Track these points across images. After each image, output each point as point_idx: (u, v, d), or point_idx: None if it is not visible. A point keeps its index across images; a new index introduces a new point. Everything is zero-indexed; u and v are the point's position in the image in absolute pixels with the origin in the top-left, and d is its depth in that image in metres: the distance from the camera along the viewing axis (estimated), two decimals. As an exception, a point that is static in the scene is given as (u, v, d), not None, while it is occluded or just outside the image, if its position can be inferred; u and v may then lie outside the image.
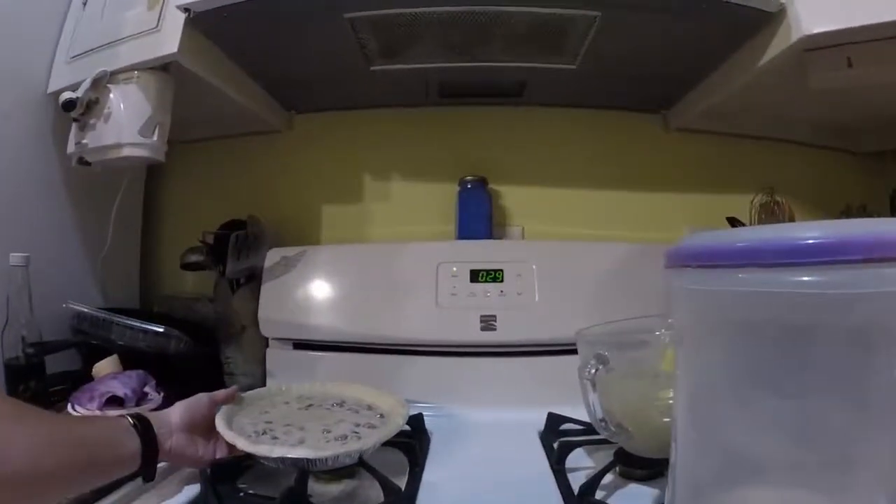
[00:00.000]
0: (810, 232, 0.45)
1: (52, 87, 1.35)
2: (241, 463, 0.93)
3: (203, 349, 1.41)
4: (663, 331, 0.88)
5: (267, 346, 1.44)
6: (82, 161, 1.26)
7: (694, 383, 0.60)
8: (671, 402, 0.66)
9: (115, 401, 1.07)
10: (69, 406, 1.07)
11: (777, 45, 1.15)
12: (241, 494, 0.86)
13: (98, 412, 1.04)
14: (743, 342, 0.55)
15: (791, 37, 1.08)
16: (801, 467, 0.54)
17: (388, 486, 0.83)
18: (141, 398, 1.11)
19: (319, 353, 1.40)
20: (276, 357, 1.43)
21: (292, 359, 1.42)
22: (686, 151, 1.75)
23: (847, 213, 1.67)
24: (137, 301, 1.68)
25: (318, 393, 1.08)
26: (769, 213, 1.59)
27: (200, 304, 1.57)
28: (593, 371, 0.86)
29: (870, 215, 1.63)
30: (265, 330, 1.42)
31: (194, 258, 1.52)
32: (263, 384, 1.41)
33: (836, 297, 0.44)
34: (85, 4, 1.36)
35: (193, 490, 0.88)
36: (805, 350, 0.49)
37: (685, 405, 0.61)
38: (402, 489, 0.86)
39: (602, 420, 0.88)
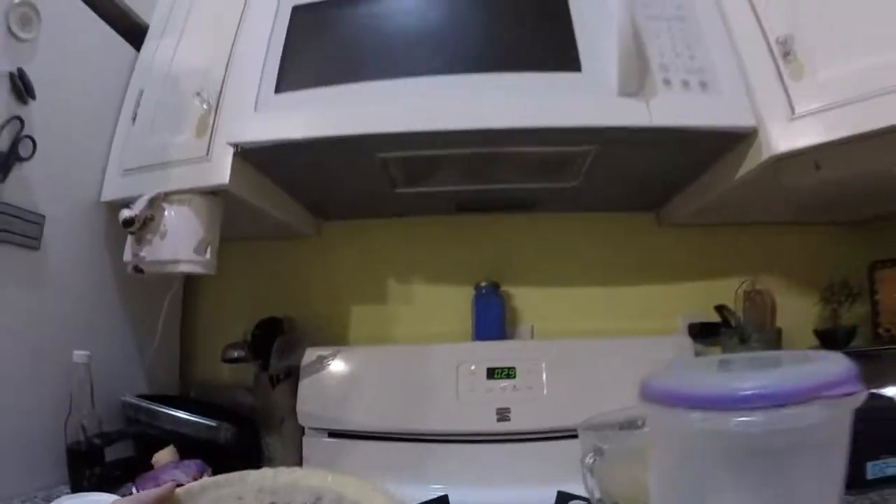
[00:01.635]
0: (746, 383, 0.61)
1: (104, 197, 1.51)
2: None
3: (247, 438, 1.55)
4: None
5: (303, 434, 1.59)
6: (137, 269, 1.41)
7: (662, 482, 0.76)
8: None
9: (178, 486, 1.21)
10: (134, 489, 1.20)
11: (751, 160, 1.31)
12: None
13: None
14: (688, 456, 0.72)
15: (762, 154, 1.25)
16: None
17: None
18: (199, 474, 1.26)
19: (352, 441, 1.54)
20: (312, 445, 1.57)
21: (327, 446, 1.56)
22: (678, 244, 1.88)
23: (830, 289, 1.78)
24: (177, 388, 1.82)
25: (286, 484, 0.87)
26: (752, 302, 1.72)
27: (237, 392, 1.71)
28: (591, 461, 1.00)
29: (850, 290, 1.75)
30: (303, 420, 1.56)
31: (236, 353, 1.65)
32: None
33: (761, 432, 0.60)
34: (134, 120, 1.53)
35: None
36: (743, 467, 0.66)
37: (657, 495, 0.77)
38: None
39: (600, 500, 1.02)
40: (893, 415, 1.17)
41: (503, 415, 1.47)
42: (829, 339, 1.73)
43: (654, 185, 1.69)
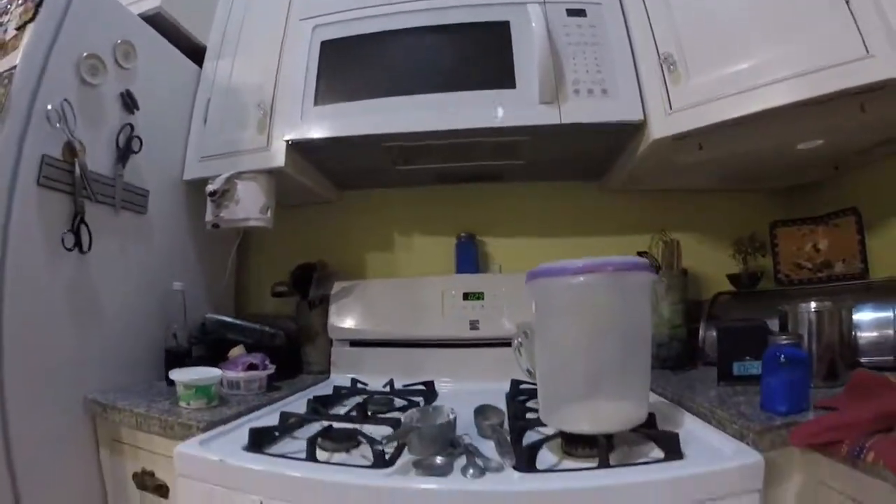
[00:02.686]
0: (573, 264, 1.16)
1: (186, 177, 2.04)
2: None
3: (293, 345, 2.09)
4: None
5: (332, 345, 2.11)
6: (214, 226, 1.93)
7: (542, 342, 1.28)
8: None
9: (252, 366, 1.71)
10: (220, 370, 1.61)
11: (643, 143, 1.74)
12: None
13: (242, 372, 1.68)
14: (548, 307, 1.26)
15: (649, 139, 1.69)
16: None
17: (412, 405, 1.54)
18: (264, 367, 1.74)
19: (368, 349, 2.05)
20: (338, 352, 2.10)
21: (349, 353, 2.08)
22: (615, 206, 2.30)
23: (740, 242, 2.12)
24: (234, 316, 2.23)
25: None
26: (666, 248, 2.02)
27: (280, 320, 2.16)
28: (517, 341, 1.51)
29: (755, 242, 2.09)
30: (332, 334, 2.09)
31: (281, 289, 2.20)
32: (329, 371, 2.09)
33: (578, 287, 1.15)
34: (205, 121, 2.05)
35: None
36: (581, 317, 1.19)
37: (540, 353, 1.29)
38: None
39: (528, 371, 1.51)
40: (755, 333, 1.49)
41: (474, 325, 1.96)
42: (738, 281, 2.06)
43: (584, 164, 2.13)
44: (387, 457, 1.16)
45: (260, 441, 1.28)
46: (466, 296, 2.03)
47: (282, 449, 1.27)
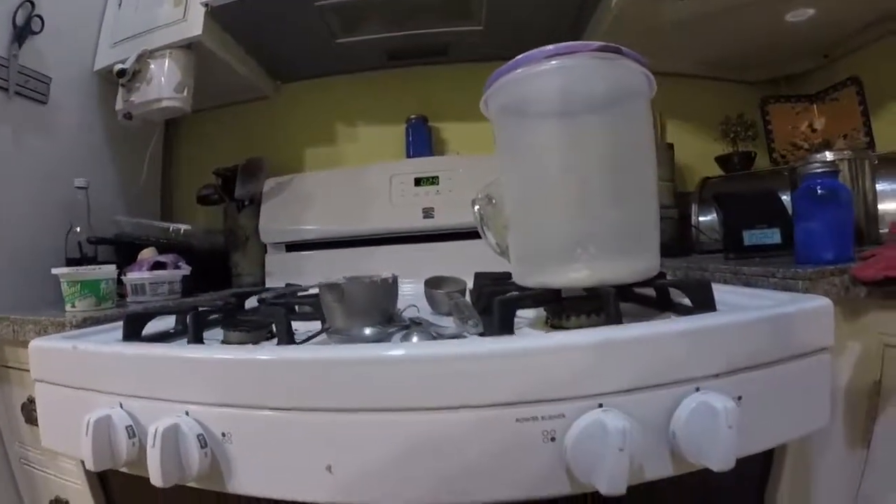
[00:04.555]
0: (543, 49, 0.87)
1: (97, 66, 1.80)
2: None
3: (219, 254, 1.84)
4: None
5: (266, 252, 1.85)
6: (127, 116, 1.68)
7: (512, 176, 1.00)
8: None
9: (159, 265, 1.47)
10: (123, 275, 1.42)
11: None
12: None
13: (147, 273, 1.43)
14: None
15: None
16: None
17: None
18: (176, 267, 1.50)
19: (306, 252, 1.80)
20: (273, 259, 1.83)
21: (286, 259, 1.82)
22: None
23: (727, 122, 1.94)
24: None
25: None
26: None
27: (213, 235, 1.91)
28: (478, 206, 1.22)
29: (745, 121, 1.92)
30: (265, 237, 1.82)
31: (207, 192, 1.92)
32: (263, 283, 1.82)
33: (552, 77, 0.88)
34: (120, 5, 1.80)
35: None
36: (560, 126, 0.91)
37: (511, 193, 1.00)
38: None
39: (496, 245, 1.21)
40: (766, 198, 1.34)
41: (428, 213, 1.71)
42: (728, 164, 1.87)
43: (549, 30, 1.74)
44: (297, 338, 0.89)
45: (138, 328, 0.99)
46: (419, 181, 1.78)
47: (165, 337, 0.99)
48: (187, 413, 0.74)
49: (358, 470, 0.68)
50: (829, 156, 1.29)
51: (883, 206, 1.34)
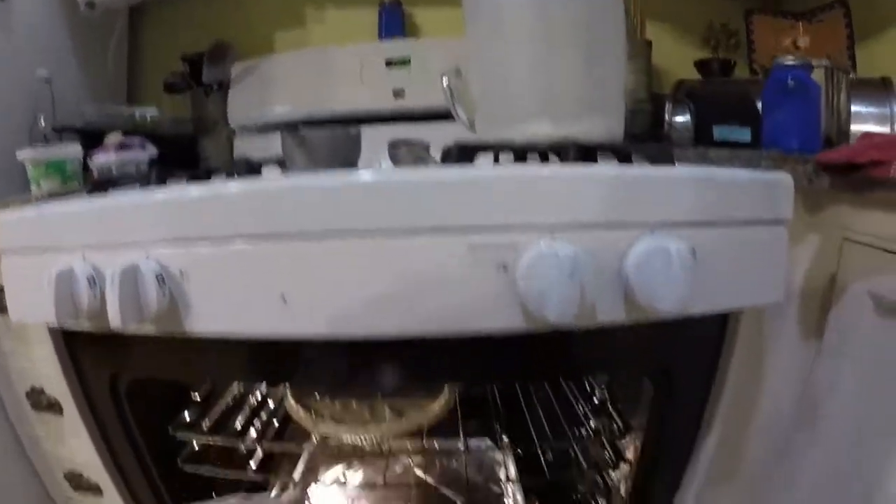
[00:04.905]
0: None
1: None
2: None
3: (187, 140, 1.81)
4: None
5: (234, 135, 1.82)
6: (89, 5, 1.62)
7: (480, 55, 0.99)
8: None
9: (124, 146, 1.43)
10: (89, 159, 1.39)
11: None
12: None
13: (114, 155, 1.40)
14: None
15: None
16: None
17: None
18: (141, 149, 1.45)
19: (275, 135, 1.72)
20: (242, 143, 1.81)
21: (255, 142, 1.78)
22: None
23: (710, 28, 1.93)
24: None
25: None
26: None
27: (182, 125, 1.87)
28: (447, 80, 1.21)
29: (729, 31, 1.91)
30: (233, 121, 1.79)
31: (174, 80, 1.87)
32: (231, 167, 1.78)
33: None
34: None
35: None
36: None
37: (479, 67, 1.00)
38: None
39: (469, 120, 1.20)
40: (740, 95, 1.37)
41: (399, 93, 1.69)
42: (707, 69, 1.83)
43: None
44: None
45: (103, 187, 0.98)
46: (389, 63, 1.74)
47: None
48: (147, 257, 0.74)
49: (310, 299, 0.69)
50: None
51: (855, 127, 1.31)
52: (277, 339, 0.74)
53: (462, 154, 0.85)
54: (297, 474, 1.28)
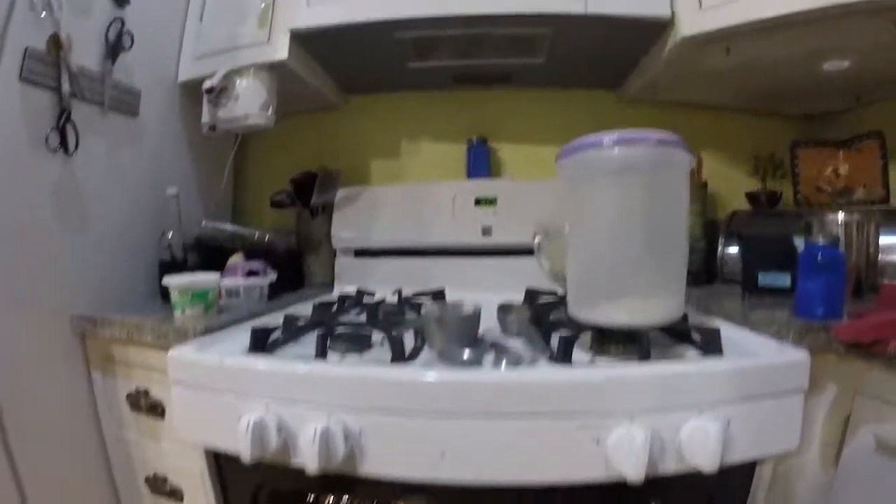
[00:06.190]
0: (610, 136, 1.08)
1: (181, 78, 1.90)
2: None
3: (295, 256, 2.00)
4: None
5: (335, 255, 2.03)
6: (212, 128, 1.79)
7: (575, 226, 1.19)
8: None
9: (252, 273, 1.63)
10: (221, 278, 1.53)
11: (670, 42, 1.61)
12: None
13: (242, 279, 1.59)
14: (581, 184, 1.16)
15: (677, 37, 1.56)
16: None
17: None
18: (266, 274, 1.66)
19: (373, 259, 1.97)
20: (342, 262, 2.02)
21: (353, 263, 2.00)
22: (632, 117, 2.17)
23: (758, 159, 2.07)
24: None
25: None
26: None
27: (282, 236, 2.02)
28: (538, 239, 1.45)
29: (776, 161, 2.05)
30: (335, 243, 2.00)
31: (281, 197, 2.09)
32: (332, 283, 2.01)
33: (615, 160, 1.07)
34: (201, 19, 1.90)
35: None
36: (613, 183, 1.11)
37: (572, 242, 1.20)
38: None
39: (549, 271, 1.46)
40: (781, 244, 1.46)
41: (486, 231, 1.89)
42: (756, 200, 2.02)
43: (607, 65, 2.00)
44: (406, 352, 1.10)
45: (263, 342, 1.19)
46: (478, 201, 1.95)
47: (287, 352, 1.20)
48: (330, 415, 0.99)
49: (463, 456, 0.98)
50: (841, 215, 1.43)
51: (889, 257, 1.47)
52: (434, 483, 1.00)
53: (565, 346, 1.08)
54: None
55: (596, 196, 1.15)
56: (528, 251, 1.63)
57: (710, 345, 1.09)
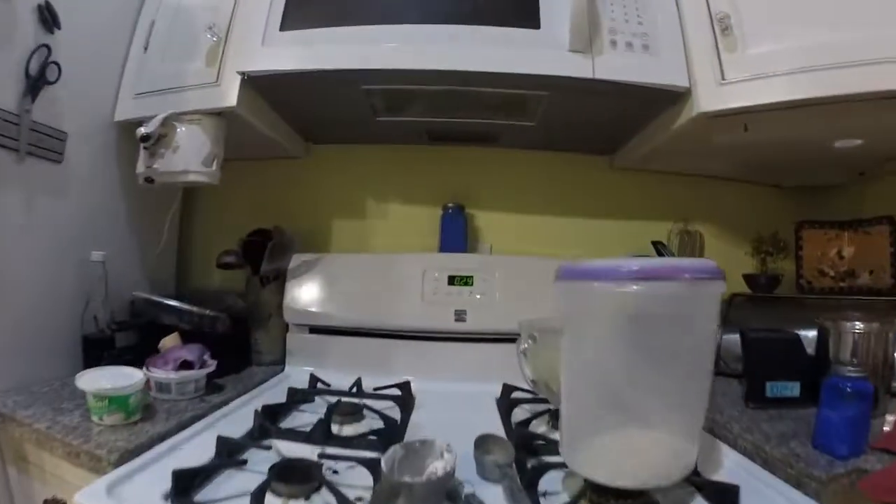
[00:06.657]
0: (632, 264, 0.83)
1: (117, 117, 1.67)
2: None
3: (240, 330, 1.75)
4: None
5: (287, 330, 1.79)
6: (148, 180, 1.56)
7: (573, 359, 0.96)
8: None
9: (185, 364, 1.39)
10: (145, 369, 1.33)
11: (685, 116, 1.47)
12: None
13: (173, 373, 1.36)
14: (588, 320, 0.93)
15: (694, 111, 1.42)
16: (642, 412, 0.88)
17: (386, 419, 1.23)
18: (202, 364, 1.42)
19: (330, 337, 1.74)
20: (295, 339, 1.78)
21: (308, 341, 1.76)
22: (627, 186, 2.05)
23: (759, 240, 1.96)
24: (174, 291, 1.98)
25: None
26: (683, 240, 1.91)
27: (227, 297, 1.87)
28: (525, 346, 1.23)
29: (779, 241, 1.93)
30: (288, 317, 1.76)
31: (229, 259, 1.83)
32: (283, 362, 1.77)
33: (640, 297, 0.83)
34: (146, 49, 1.68)
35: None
36: (626, 328, 0.87)
37: (569, 371, 0.97)
38: (398, 422, 1.24)
39: (532, 381, 1.24)
40: (791, 346, 1.35)
41: (460, 316, 1.67)
42: (755, 283, 1.89)
43: (604, 132, 1.85)
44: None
45: (186, 487, 0.93)
46: (452, 279, 1.74)
47: (215, 493, 0.94)
48: None
49: None
50: (858, 325, 1.29)
51: None
52: None
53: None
54: None
55: (602, 336, 0.93)
56: (506, 339, 1.50)
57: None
